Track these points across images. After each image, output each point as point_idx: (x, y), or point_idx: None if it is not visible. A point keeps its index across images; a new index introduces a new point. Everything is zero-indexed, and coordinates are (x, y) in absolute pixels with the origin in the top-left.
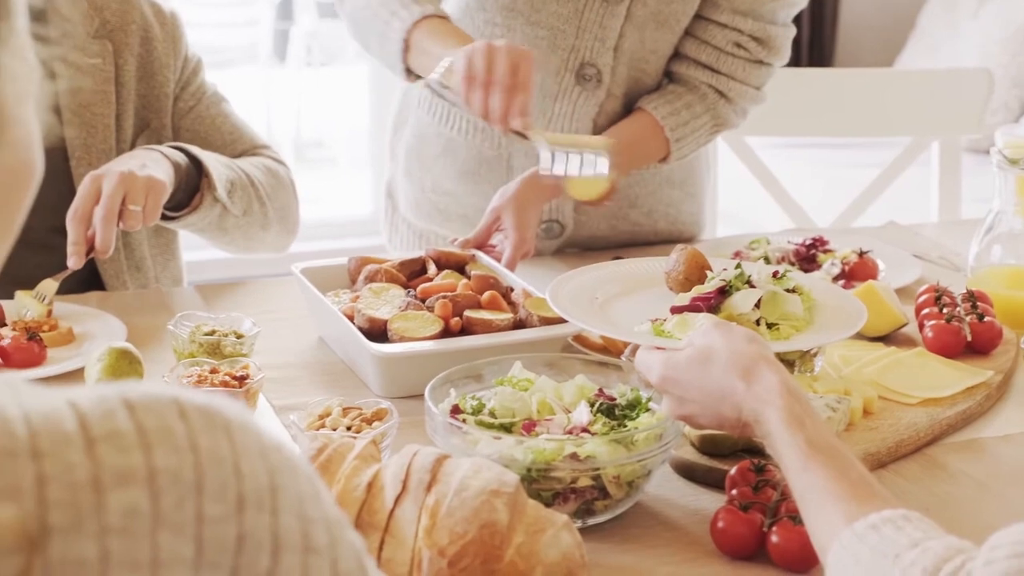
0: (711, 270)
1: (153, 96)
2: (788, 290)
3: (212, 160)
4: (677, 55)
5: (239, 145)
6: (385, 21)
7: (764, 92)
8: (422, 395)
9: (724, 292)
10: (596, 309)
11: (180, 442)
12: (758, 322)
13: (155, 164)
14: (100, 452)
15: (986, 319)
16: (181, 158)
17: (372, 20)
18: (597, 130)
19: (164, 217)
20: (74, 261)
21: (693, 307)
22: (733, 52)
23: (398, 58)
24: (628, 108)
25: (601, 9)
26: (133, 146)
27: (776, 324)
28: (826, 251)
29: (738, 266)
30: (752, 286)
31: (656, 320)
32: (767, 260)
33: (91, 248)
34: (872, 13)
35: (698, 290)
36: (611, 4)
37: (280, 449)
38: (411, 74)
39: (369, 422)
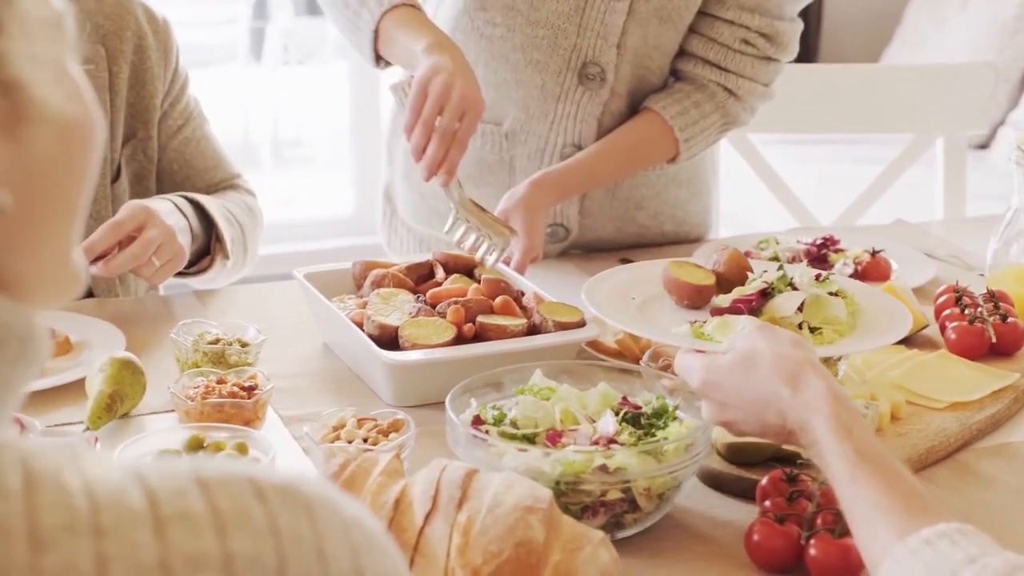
0: (752, 271)
1: (142, 106)
2: (831, 293)
3: (223, 221)
4: (683, 53)
5: (218, 173)
6: (355, 11)
7: (773, 89)
8: (434, 404)
9: (766, 294)
10: (633, 310)
11: (259, 525)
12: (800, 326)
13: (184, 234)
14: (170, 534)
15: (1009, 320)
16: (197, 226)
17: (343, 9)
18: (603, 131)
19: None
20: None
21: (734, 309)
22: (741, 49)
23: (369, 46)
24: (633, 107)
25: (603, 6)
26: (120, 156)
27: (819, 328)
28: (837, 251)
29: (780, 268)
30: (795, 288)
31: (695, 322)
32: (777, 260)
33: (96, 259)
34: (857, 8)
35: (739, 292)
36: (613, 0)
37: (361, 524)
38: (381, 60)
39: (385, 433)
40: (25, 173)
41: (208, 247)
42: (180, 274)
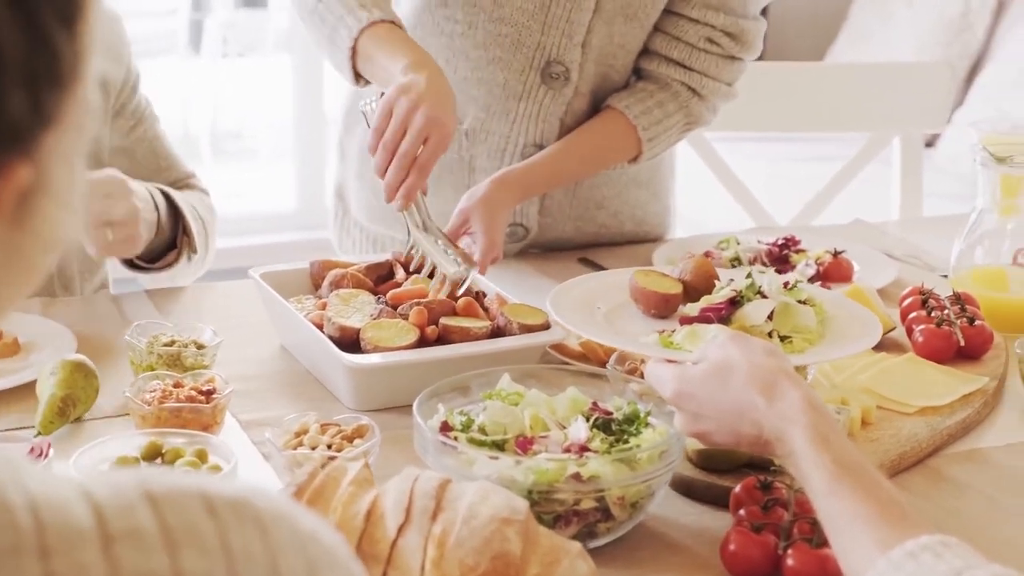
0: (719, 279)
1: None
2: (800, 301)
3: (191, 217)
4: (647, 51)
5: (172, 173)
6: (332, 27)
7: (736, 88)
8: (396, 407)
9: (735, 303)
10: (600, 319)
11: (209, 542)
12: (770, 334)
13: (149, 227)
14: (119, 552)
15: (976, 323)
16: (166, 219)
17: (320, 25)
18: (565, 130)
19: (135, 267)
20: None
21: (703, 318)
22: (706, 48)
23: (347, 65)
24: (596, 106)
25: (568, 3)
26: None
27: (789, 337)
28: (799, 251)
29: (748, 275)
30: (764, 296)
31: (663, 331)
32: (739, 261)
33: None
34: (803, 4)
35: (707, 300)
36: None
37: (319, 539)
38: (361, 78)
39: (350, 439)
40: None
41: (174, 241)
42: (145, 268)
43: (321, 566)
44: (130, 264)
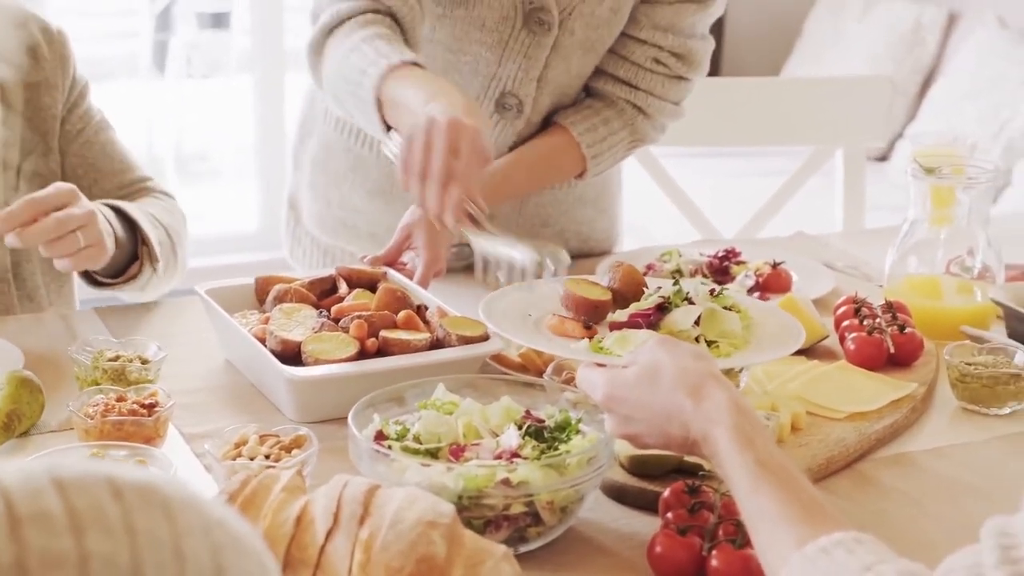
0: (647, 287)
1: (40, 119)
2: (725, 307)
3: (148, 225)
4: (595, 70)
5: (128, 175)
6: (357, 83)
7: (683, 107)
8: (338, 419)
9: (663, 309)
10: (531, 326)
11: (114, 524)
12: (697, 339)
13: (108, 236)
14: (26, 534)
15: (907, 330)
16: (121, 231)
17: (344, 84)
18: None
19: (98, 283)
20: None
21: (632, 323)
22: (652, 68)
23: (376, 118)
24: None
25: (527, 40)
26: (20, 171)
27: (715, 342)
28: (739, 263)
29: (676, 283)
30: (691, 303)
31: (594, 337)
32: (680, 272)
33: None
34: (757, 20)
35: (636, 307)
36: (538, 35)
37: (224, 524)
38: (392, 129)
39: (288, 450)
40: None
41: (135, 253)
42: (110, 285)
43: (226, 550)
44: (95, 282)
